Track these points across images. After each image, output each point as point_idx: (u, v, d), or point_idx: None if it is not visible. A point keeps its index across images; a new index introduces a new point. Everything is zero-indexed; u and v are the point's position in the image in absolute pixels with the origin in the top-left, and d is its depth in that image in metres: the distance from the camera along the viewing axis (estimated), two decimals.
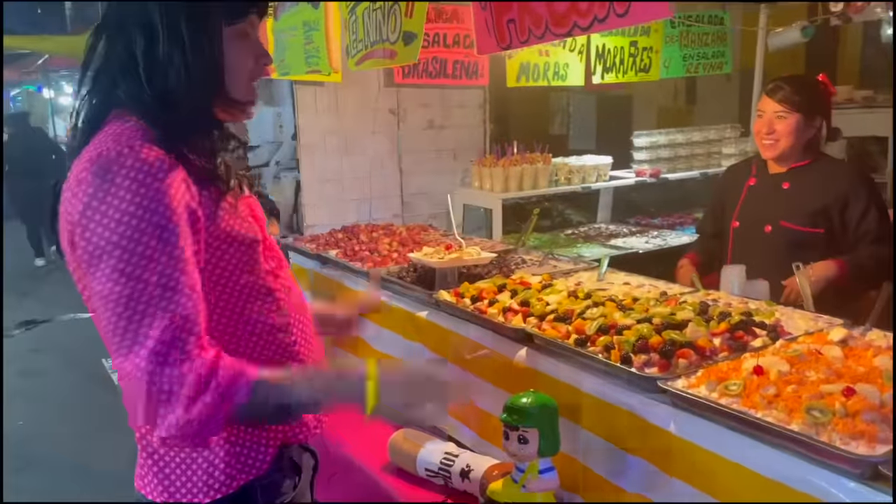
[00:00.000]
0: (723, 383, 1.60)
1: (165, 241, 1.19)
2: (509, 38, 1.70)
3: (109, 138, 1.24)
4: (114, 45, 1.31)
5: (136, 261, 1.17)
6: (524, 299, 2.21)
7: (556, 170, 4.49)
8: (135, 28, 1.29)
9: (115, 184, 1.18)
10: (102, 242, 1.17)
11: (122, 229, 1.17)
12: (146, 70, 1.28)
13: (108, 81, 1.31)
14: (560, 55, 4.45)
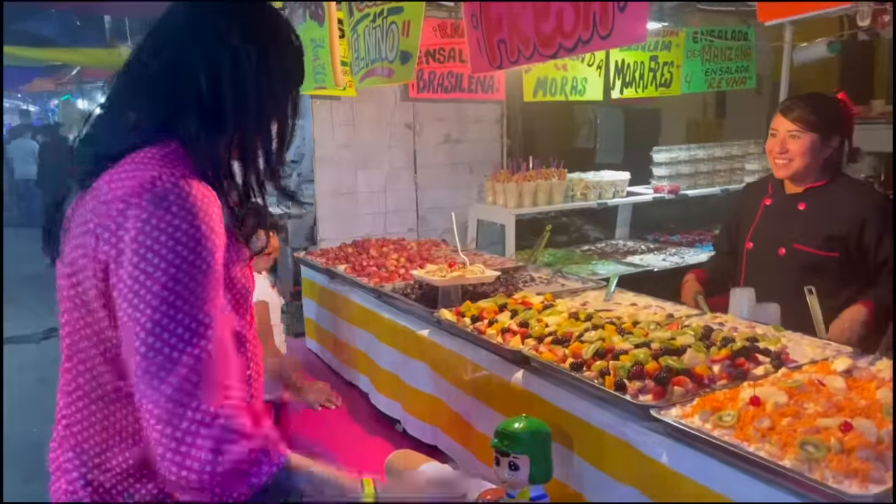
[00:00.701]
0: (717, 413, 1.55)
1: (210, 277, 1.20)
2: (500, 58, 1.69)
3: (157, 163, 1.24)
4: (181, 74, 1.29)
5: (182, 292, 1.17)
6: (524, 320, 2.18)
7: (572, 185, 4.44)
8: (202, 67, 1.29)
9: (171, 212, 1.18)
10: (151, 269, 1.16)
11: (174, 259, 1.17)
12: (210, 112, 1.29)
13: (168, 110, 1.29)
14: (578, 69, 4.42)
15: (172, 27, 1.35)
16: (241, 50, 1.30)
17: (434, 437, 2.43)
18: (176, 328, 1.16)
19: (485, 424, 2.15)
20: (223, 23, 1.31)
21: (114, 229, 1.20)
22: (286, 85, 1.39)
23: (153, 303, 1.16)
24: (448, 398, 2.33)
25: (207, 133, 1.29)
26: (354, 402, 2.95)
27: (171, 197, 1.19)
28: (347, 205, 4.36)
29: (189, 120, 1.28)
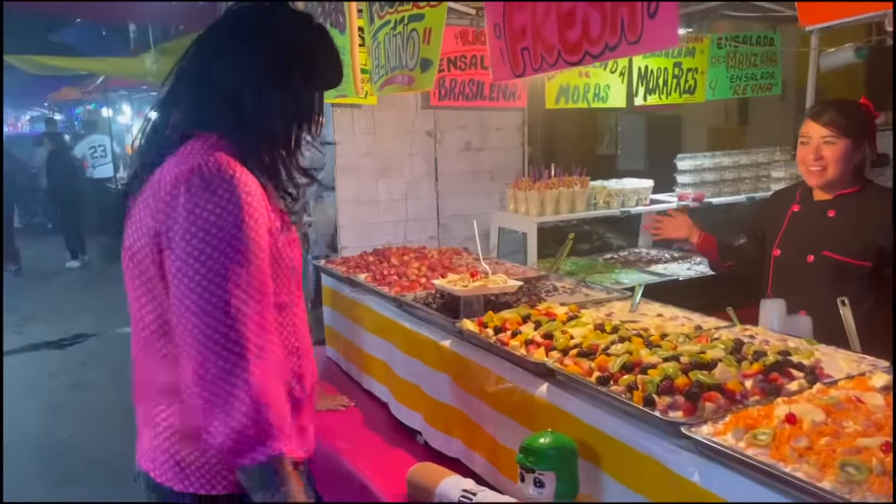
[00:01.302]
0: (751, 431, 1.49)
1: (253, 252, 1.35)
2: (523, 65, 1.65)
3: (201, 152, 1.40)
4: (222, 73, 1.46)
5: (231, 266, 1.32)
6: (548, 332, 2.13)
7: (595, 193, 4.39)
8: (249, 66, 1.45)
9: (217, 195, 1.33)
10: (203, 245, 1.31)
11: (222, 236, 1.32)
12: (254, 105, 1.45)
13: (210, 105, 1.46)
14: (601, 76, 4.37)
15: (213, 33, 1.53)
16: (268, 50, 1.47)
17: (456, 450, 2.39)
18: (219, 302, 1.30)
19: (508, 438, 2.10)
20: (256, 27, 1.49)
21: (168, 211, 1.35)
22: (312, 82, 1.54)
23: (203, 281, 1.31)
24: (470, 410, 2.29)
25: (242, 124, 1.45)
26: (374, 412, 2.91)
27: (216, 181, 1.33)
28: (368, 213, 4.34)
29: (226, 113, 1.44)
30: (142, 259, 1.41)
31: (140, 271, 1.43)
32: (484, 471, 2.24)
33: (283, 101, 1.48)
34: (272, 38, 1.48)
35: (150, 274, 1.41)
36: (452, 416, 2.38)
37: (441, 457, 2.41)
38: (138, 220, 1.43)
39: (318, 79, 1.57)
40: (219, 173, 1.35)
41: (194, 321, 1.31)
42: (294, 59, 1.49)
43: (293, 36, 1.51)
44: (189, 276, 1.32)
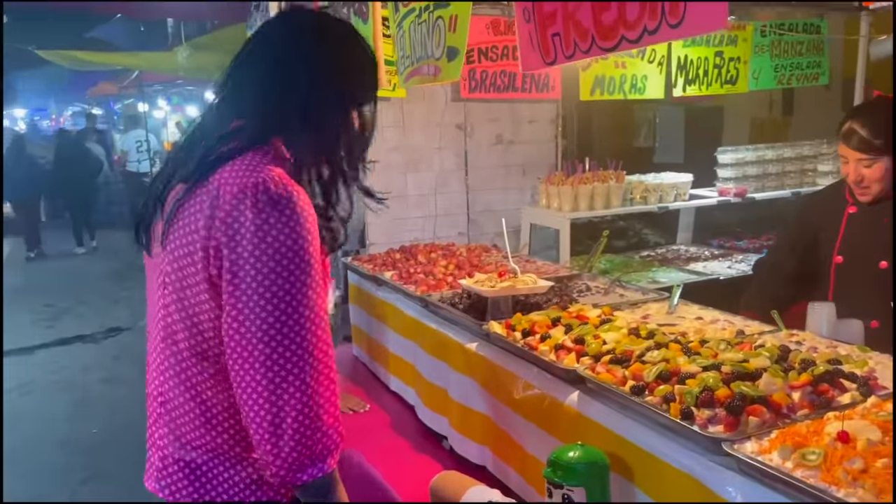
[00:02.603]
0: (800, 450, 1.37)
1: (314, 272, 1.35)
2: (554, 53, 1.53)
3: (266, 166, 1.37)
4: (279, 87, 1.44)
5: (303, 290, 1.31)
6: (579, 336, 2.02)
7: (631, 188, 4.23)
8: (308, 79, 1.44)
9: (285, 214, 1.31)
10: (273, 266, 1.30)
11: (293, 257, 1.31)
12: (315, 121, 1.44)
13: (268, 117, 1.43)
14: (638, 67, 4.21)
15: (264, 44, 1.51)
16: (323, 68, 1.46)
17: (483, 458, 2.29)
18: (294, 326, 1.30)
19: (536, 446, 2.00)
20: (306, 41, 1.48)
21: (229, 222, 1.31)
22: (362, 98, 1.54)
23: (279, 304, 1.29)
24: (498, 417, 2.19)
25: (301, 142, 1.44)
26: (400, 414, 2.83)
27: (283, 200, 1.32)
28: (397, 208, 4.26)
29: (286, 130, 1.44)
30: (185, 269, 1.38)
31: (180, 283, 1.39)
32: (512, 481, 2.14)
33: (344, 118, 1.49)
34: (334, 51, 1.48)
35: (193, 288, 1.37)
36: (479, 423, 2.28)
37: (467, 464, 2.32)
38: (188, 226, 1.37)
39: (370, 94, 1.58)
40: (285, 192, 1.33)
41: (261, 347, 1.30)
42: (352, 74, 1.51)
43: (351, 48, 1.52)
44: (256, 300, 1.30)
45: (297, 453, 1.31)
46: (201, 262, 1.35)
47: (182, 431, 1.45)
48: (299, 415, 1.30)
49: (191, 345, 1.41)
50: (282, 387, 1.30)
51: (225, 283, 1.32)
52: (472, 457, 2.33)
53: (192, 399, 1.43)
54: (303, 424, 1.31)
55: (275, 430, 1.30)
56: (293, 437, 1.30)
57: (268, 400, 1.30)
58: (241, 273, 1.30)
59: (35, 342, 6.74)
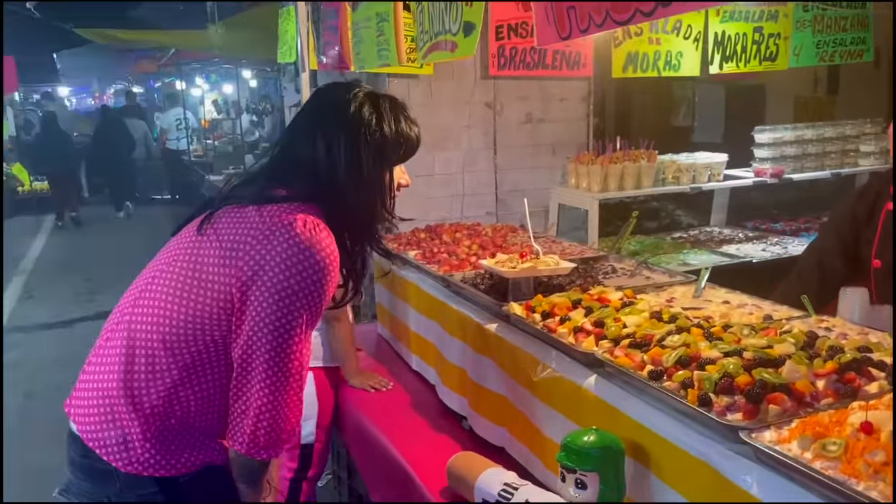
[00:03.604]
0: (820, 441, 1.32)
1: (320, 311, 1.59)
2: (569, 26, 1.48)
3: (303, 211, 1.58)
4: (305, 150, 1.66)
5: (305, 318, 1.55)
6: (599, 319, 1.98)
7: (663, 168, 4.14)
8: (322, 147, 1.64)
9: (313, 255, 1.52)
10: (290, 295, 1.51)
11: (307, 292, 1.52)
12: (328, 185, 1.63)
13: (300, 175, 1.64)
14: (672, 43, 4.09)
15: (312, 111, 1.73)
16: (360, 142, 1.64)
17: (501, 439, 2.28)
18: (288, 341, 1.54)
19: (553, 429, 1.98)
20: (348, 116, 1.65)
21: (260, 250, 1.52)
22: (388, 167, 1.72)
23: (281, 320, 1.51)
24: (515, 398, 2.17)
25: (329, 206, 1.63)
26: (421, 394, 2.83)
27: (312, 240, 1.52)
28: (423, 187, 4.22)
29: (326, 198, 1.63)
30: (206, 279, 1.55)
31: (203, 288, 1.55)
32: (528, 463, 2.12)
33: (372, 183, 1.66)
34: (360, 124, 1.64)
35: (218, 299, 1.54)
36: (497, 404, 2.26)
37: (486, 445, 2.31)
38: (222, 245, 1.56)
39: (398, 157, 1.74)
40: (318, 234, 1.54)
41: (261, 357, 1.54)
42: (379, 144, 1.66)
43: (378, 122, 1.66)
44: (267, 318, 1.51)
45: (265, 440, 1.58)
46: (227, 280, 1.53)
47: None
48: (277, 415, 1.57)
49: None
50: (277, 390, 1.56)
51: (249, 290, 1.52)
52: (490, 438, 2.32)
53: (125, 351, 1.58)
54: (276, 422, 1.57)
55: (256, 421, 1.56)
56: (267, 429, 1.57)
57: (263, 396, 1.55)
58: (266, 286, 1.50)
59: (75, 316, 6.90)
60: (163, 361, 1.55)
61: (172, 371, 1.55)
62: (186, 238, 1.64)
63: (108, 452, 1.56)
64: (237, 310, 1.54)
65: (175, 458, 1.58)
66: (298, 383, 1.60)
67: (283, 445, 1.63)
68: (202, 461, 1.62)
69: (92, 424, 1.59)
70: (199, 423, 1.61)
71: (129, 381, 1.56)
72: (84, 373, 1.66)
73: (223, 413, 1.63)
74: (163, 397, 1.56)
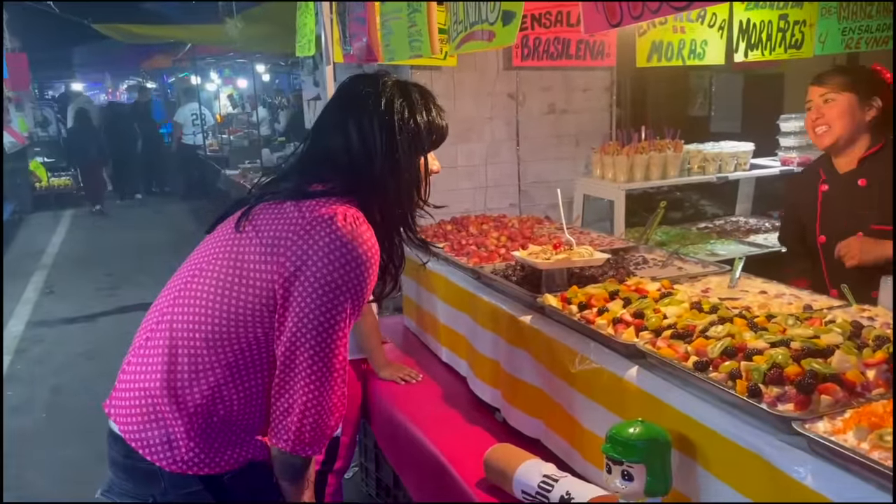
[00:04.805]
0: (876, 431, 1.31)
1: (361, 305, 1.58)
2: (620, 13, 1.46)
3: (342, 205, 1.57)
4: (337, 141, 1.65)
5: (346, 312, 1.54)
6: (638, 310, 1.96)
7: (689, 158, 4.10)
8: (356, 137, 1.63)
9: (353, 248, 1.52)
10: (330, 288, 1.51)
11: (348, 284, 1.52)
12: (363, 176, 1.62)
13: (334, 168, 1.64)
14: (697, 31, 4.05)
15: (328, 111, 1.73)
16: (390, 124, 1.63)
17: (536, 431, 2.27)
18: (332, 335, 1.53)
19: (593, 422, 1.97)
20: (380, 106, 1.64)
21: (301, 245, 1.51)
22: (421, 154, 1.72)
23: (325, 314, 1.51)
24: (552, 390, 2.16)
25: (364, 197, 1.62)
26: (452, 386, 2.83)
27: (355, 233, 1.52)
28: (447, 179, 4.20)
29: (363, 189, 1.62)
30: (247, 274, 1.54)
31: (245, 285, 1.54)
32: (566, 455, 2.11)
33: (393, 172, 1.64)
34: (392, 112, 1.64)
35: (260, 296, 1.53)
36: (533, 396, 2.25)
37: (521, 437, 2.30)
38: (261, 239, 1.56)
39: (430, 144, 1.75)
40: (357, 228, 1.53)
41: (305, 353, 1.53)
42: (412, 131, 1.66)
43: (411, 110, 1.66)
44: (311, 313, 1.51)
45: (310, 437, 1.58)
46: (269, 275, 1.52)
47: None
48: (322, 411, 1.56)
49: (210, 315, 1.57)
50: (323, 386, 1.55)
51: (292, 285, 1.51)
52: (525, 430, 2.31)
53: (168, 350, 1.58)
54: (321, 418, 1.57)
55: (301, 418, 1.55)
56: (312, 426, 1.56)
57: (307, 391, 1.54)
58: (309, 281, 1.50)
59: (96, 310, 6.95)
60: (206, 360, 1.55)
61: (216, 369, 1.55)
62: (224, 235, 1.63)
63: (151, 452, 1.56)
64: (280, 306, 1.53)
65: (219, 456, 1.58)
66: (342, 378, 1.59)
67: (325, 442, 1.62)
68: (245, 458, 1.62)
69: (134, 424, 1.58)
70: (242, 421, 1.61)
71: (172, 381, 1.56)
72: (124, 373, 1.65)
73: (266, 410, 1.62)
74: (206, 396, 1.55)
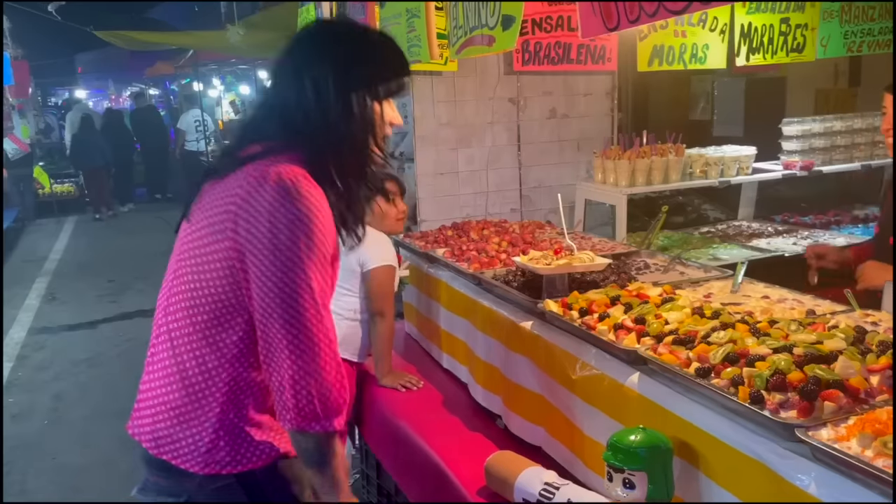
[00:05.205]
0: (880, 438, 1.29)
1: (320, 256, 1.48)
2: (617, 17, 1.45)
3: (282, 163, 1.50)
4: (291, 94, 1.57)
5: (300, 267, 1.45)
6: (639, 315, 1.95)
7: (691, 162, 4.09)
8: (309, 87, 1.54)
9: (296, 203, 1.45)
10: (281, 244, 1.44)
11: (296, 240, 1.44)
12: (317, 123, 1.55)
13: (283, 123, 1.57)
14: (699, 35, 4.04)
15: (279, 65, 1.64)
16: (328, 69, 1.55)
17: (538, 438, 2.25)
18: (297, 297, 1.45)
19: (594, 429, 1.95)
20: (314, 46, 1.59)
21: (243, 215, 1.46)
22: (376, 100, 1.61)
23: (283, 278, 1.44)
24: (553, 397, 2.15)
25: (315, 148, 1.55)
26: (453, 392, 2.81)
27: (294, 190, 1.45)
28: (448, 184, 4.20)
29: (308, 142, 1.55)
30: (207, 245, 1.51)
31: (199, 252, 1.52)
32: (568, 462, 2.09)
33: (345, 117, 1.56)
34: (331, 56, 1.57)
35: (209, 257, 1.50)
36: (534, 402, 2.24)
37: (522, 444, 2.28)
38: (215, 213, 1.51)
39: (379, 89, 1.62)
40: (297, 183, 1.46)
41: (277, 322, 1.45)
42: (354, 75, 1.57)
43: (349, 51, 1.58)
44: (271, 267, 1.45)
45: (309, 410, 1.47)
46: (224, 234, 1.48)
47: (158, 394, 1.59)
48: (314, 380, 1.46)
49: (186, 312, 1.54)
50: (305, 351, 1.45)
51: (246, 257, 1.47)
52: (526, 436, 2.29)
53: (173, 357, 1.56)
54: (318, 388, 1.47)
55: (295, 392, 1.46)
56: (307, 397, 1.46)
57: (292, 360, 1.45)
58: (260, 246, 1.45)
59: (98, 317, 6.94)
60: (212, 360, 1.53)
61: (225, 366, 1.53)
62: (183, 231, 1.61)
63: (185, 461, 1.55)
64: (244, 281, 1.49)
65: (250, 452, 1.57)
66: (327, 345, 1.49)
67: (333, 414, 1.50)
68: (276, 452, 1.60)
69: (163, 439, 1.57)
70: (265, 413, 1.59)
71: (189, 389, 1.54)
72: (141, 392, 1.63)
73: None
74: (225, 394, 1.54)
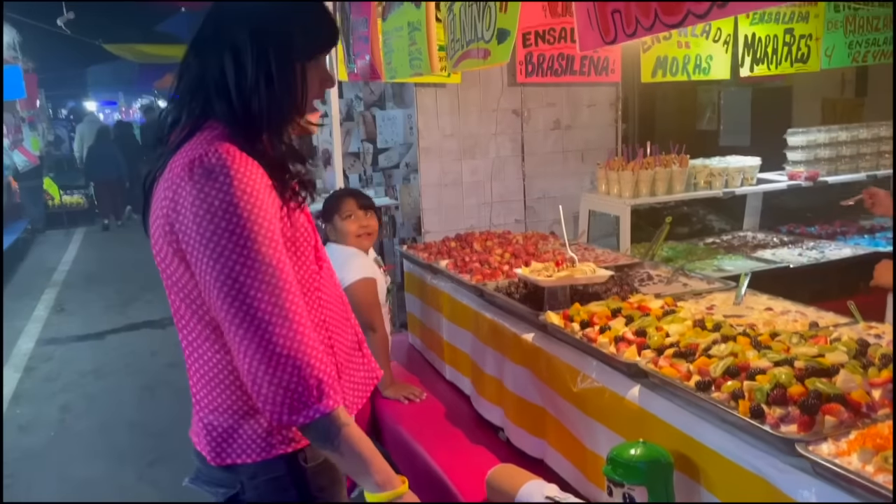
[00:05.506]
0: (881, 453, 1.28)
1: (263, 231, 1.39)
2: (614, 30, 1.45)
3: (205, 142, 1.43)
4: (208, 64, 1.49)
5: (235, 247, 1.36)
6: (640, 328, 1.94)
7: (695, 173, 4.08)
8: (227, 53, 1.47)
9: (218, 181, 1.37)
10: (212, 232, 1.36)
11: (228, 219, 1.36)
12: (236, 91, 1.47)
13: (204, 97, 1.50)
14: (702, 46, 4.04)
15: (200, 33, 1.55)
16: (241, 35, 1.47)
17: (540, 451, 2.25)
18: (242, 287, 1.36)
19: (595, 442, 1.94)
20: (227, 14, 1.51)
21: (177, 199, 1.40)
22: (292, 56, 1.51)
23: (220, 263, 1.36)
24: (555, 410, 2.14)
25: (235, 113, 1.47)
26: (456, 404, 2.81)
27: (216, 168, 1.38)
28: (452, 196, 4.21)
29: (220, 106, 1.47)
30: (161, 248, 1.47)
31: (162, 261, 1.48)
32: (570, 475, 2.09)
33: (265, 84, 1.48)
34: (242, 21, 1.49)
35: (170, 262, 1.47)
36: (536, 415, 2.23)
37: (524, 456, 2.27)
38: (156, 209, 1.47)
39: (300, 52, 1.52)
40: (218, 160, 1.39)
41: (227, 306, 1.38)
42: (269, 38, 1.49)
43: (263, 15, 1.51)
44: (209, 263, 1.38)
45: (282, 397, 1.37)
46: (168, 237, 1.43)
47: (200, 398, 1.57)
48: (275, 368, 1.37)
49: (188, 313, 1.51)
50: (255, 338, 1.37)
51: (188, 254, 1.41)
52: (528, 449, 2.28)
53: (196, 361, 1.54)
54: (281, 377, 1.37)
55: (254, 377, 1.37)
56: (275, 388, 1.37)
57: (246, 351, 1.37)
58: (191, 242, 1.39)
59: (106, 328, 6.96)
60: (223, 363, 1.51)
61: (233, 366, 1.51)
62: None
63: (246, 456, 1.54)
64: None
65: (292, 433, 1.54)
66: (284, 324, 1.38)
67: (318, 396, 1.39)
68: None
69: (222, 442, 1.55)
70: None
71: (226, 387, 1.53)
72: (195, 400, 1.60)
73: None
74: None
